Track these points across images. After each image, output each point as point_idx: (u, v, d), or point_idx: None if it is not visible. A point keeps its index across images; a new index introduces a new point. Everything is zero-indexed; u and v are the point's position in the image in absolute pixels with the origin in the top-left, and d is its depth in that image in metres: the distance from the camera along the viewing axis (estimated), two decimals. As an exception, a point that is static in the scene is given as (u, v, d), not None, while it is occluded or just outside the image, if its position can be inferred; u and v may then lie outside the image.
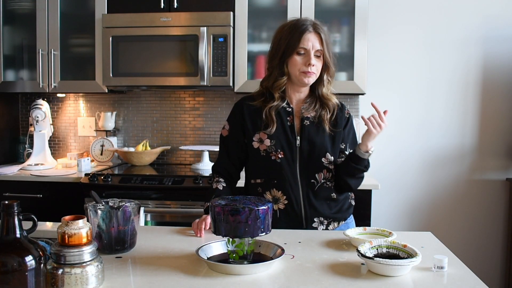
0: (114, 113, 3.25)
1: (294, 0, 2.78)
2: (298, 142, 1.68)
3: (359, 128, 3.01)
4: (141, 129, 3.29)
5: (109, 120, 3.21)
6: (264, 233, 1.22)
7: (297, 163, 1.68)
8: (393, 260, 1.16)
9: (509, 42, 3.06)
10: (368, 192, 2.53)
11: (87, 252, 1.06)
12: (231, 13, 2.77)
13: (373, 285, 1.13)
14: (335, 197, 1.71)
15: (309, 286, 1.12)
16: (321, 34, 1.65)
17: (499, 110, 3.10)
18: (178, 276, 1.16)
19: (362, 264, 1.25)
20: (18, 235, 0.98)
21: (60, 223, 1.08)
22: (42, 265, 0.98)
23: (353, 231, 1.48)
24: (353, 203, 1.82)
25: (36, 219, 1.05)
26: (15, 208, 0.98)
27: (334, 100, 1.73)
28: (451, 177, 3.15)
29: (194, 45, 2.76)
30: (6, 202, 0.98)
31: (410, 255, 1.22)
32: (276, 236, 1.46)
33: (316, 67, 1.65)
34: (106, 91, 2.95)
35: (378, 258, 1.17)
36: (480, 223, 3.15)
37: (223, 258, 1.27)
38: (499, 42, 3.06)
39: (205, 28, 2.74)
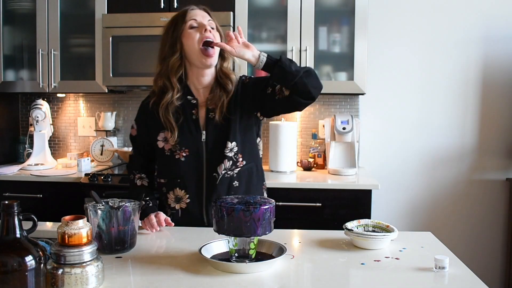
0: (114, 113, 3.25)
1: (294, 0, 2.78)
2: (203, 137, 1.62)
3: (359, 128, 3.02)
4: (141, 129, 3.29)
5: (109, 120, 3.21)
6: (266, 233, 1.22)
7: (203, 159, 1.63)
8: (370, 233, 1.38)
9: (509, 42, 3.06)
10: (368, 192, 2.53)
11: (87, 252, 1.06)
12: (231, 13, 2.76)
13: (374, 285, 1.13)
14: (237, 185, 1.64)
15: (309, 286, 1.12)
16: (206, 9, 1.63)
17: (499, 110, 3.10)
18: (179, 276, 1.16)
19: (362, 264, 1.26)
20: (18, 235, 0.98)
21: (60, 223, 1.08)
22: (42, 265, 0.98)
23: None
24: (265, 193, 1.76)
25: (36, 219, 1.05)
26: (15, 208, 0.98)
27: (233, 76, 1.64)
28: (451, 177, 3.15)
29: (194, 45, 2.76)
30: (6, 202, 0.98)
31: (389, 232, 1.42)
32: (276, 236, 1.46)
33: (213, 37, 1.57)
34: (106, 91, 2.95)
35: (358, 230, 1.40)
36: (480, 223, 3.15)
37: (224, 257, 1.27)
38: (499, 42, 3.06)
39: (205, 28, 2.74)
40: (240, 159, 1.65)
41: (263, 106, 1.65)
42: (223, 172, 1.63)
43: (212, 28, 1.61)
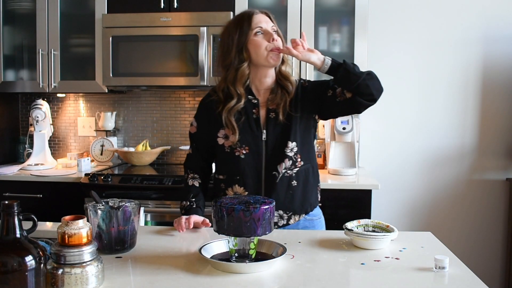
0: (114, 113, 3.25)
1: (294, 0, 2.78)
2: (264, 136, 1.65)
3: (359, 128, 3.02)
4: (141, 129, 3.29)
5: (109, 120, 3.21)
6: (266, 233, 1.22)
7: (263, 158, 1.65)
8: (370, 233, 1.38)
9: (509, 42, 3.06)
10: (368, 192, 2.53)
11: (87, 252, 1.06)
12: (231, 13, 2.76)
13: (374, 285, 1.13)
14: (295, 184, 1.66)
15: (309, 286, 1.12)
16: (268, 13, 1.67)
17: (499, 110, 3.10)
18: (179, 275, 1.16)
19: (362, 264, 1.26)
20: (18, 235, 0.98)
21: (60, 223, 1.08)
22: (42, 265, 0.98)
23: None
24: (319, 196, 1.78)
25: (36, 219, 1.05)
26: (15, 208, 0.98)
27: (293, 78, 1.69)
28: (451, 177, 3.15)
29: (194, 45, 2.76)
30: (6, 202, 0.98)
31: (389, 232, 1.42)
32: (276, 236, 1.46)
33: (278, 43, 1.62)
34: (106, 91, 2.95)
35: (358, 230, 1.40)
36: (480, 223, 3.15)
37: (224, 257, 1.27)
38: (499, 42, 3.06)
39: (205, 28, 2.74)
40: (299, 159, 1.67)
41: (322, 108, 1.70)
42: (283, 171, 1.65)
43: (274, 31, 1.64)
